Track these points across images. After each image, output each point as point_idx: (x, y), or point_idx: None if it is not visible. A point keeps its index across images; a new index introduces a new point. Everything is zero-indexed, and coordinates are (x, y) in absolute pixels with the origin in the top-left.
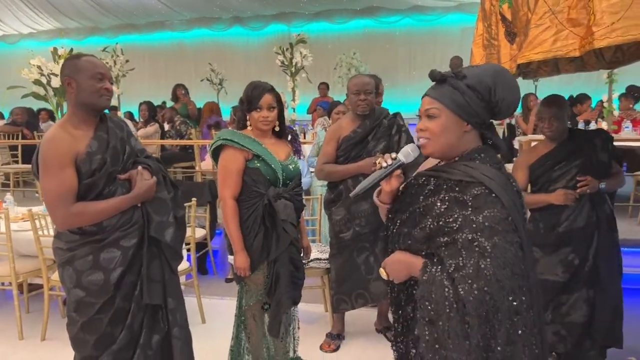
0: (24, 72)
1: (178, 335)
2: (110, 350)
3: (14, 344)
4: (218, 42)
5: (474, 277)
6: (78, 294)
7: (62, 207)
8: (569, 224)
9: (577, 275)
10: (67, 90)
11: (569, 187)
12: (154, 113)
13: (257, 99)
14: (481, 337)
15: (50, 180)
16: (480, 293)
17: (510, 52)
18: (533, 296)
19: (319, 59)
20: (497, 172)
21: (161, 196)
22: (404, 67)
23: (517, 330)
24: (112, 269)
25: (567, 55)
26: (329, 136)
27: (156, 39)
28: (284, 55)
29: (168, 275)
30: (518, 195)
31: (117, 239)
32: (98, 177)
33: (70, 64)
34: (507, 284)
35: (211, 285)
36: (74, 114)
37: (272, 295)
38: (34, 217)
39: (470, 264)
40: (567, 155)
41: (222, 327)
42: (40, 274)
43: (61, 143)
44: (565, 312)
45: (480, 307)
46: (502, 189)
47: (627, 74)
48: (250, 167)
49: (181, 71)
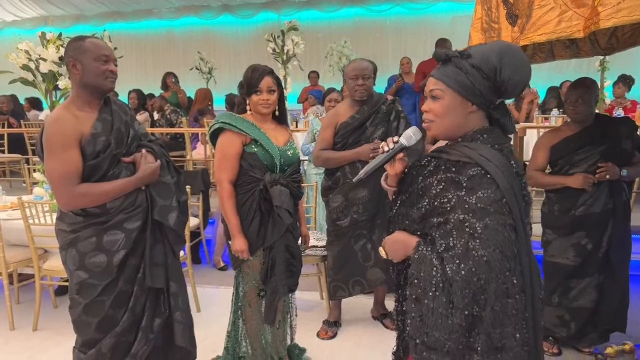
0: (12, 57)
1: (180, 319)
2: (113, 332)
3: (6, 335)
4: (207, 30)
5: (462, 258)
6: (81, 275)
7: (66, 188)
8: (586, 209)
9: (589, 261)
10: (71, 71)
11: (589, 172)
12: (143, 102)
13: (257, 82)
14: (465, 317)
15: (55, 161)
16: (468, 274)
17: (512, 34)
18: (526, 279)
19: (309, 47)
20: (496, 153)
21: (165, 180)
22: (395, 56)
23: (506, 312)
24: (115, 251)
25: (571, 37)
26: (326, 122)
27: (144, 27)
28: (276, 42)
29: (171, 259)
30: (517, 177)
31: (120, 221)
32: (102, 159)
33: (75, 45)
34: (497, 266)
35: (205, 274)
36: (77, 96)
37: (268, 283)
38: (24, 206)
39: (460, 245)
40: (592, 140)
41: (217, 315)
42: (30, 264)
43: (65, 124)
44: (574, 297)
45: (466, 287)
46: (499, 170)
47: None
48: (248, 152)
49: (170, 60)
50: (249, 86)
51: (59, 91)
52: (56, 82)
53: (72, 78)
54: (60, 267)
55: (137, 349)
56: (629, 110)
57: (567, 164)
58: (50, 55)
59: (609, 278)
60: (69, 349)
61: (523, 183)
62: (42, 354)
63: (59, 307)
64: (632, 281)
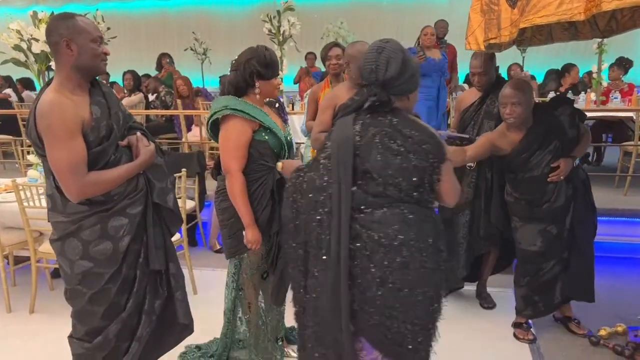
0: (3, 37)
1: (180, 298)
2: (119, 318)
3: (2, 317)
4: (202, 10)
5: None
6: (85, 265)
7: (76, 178)
8: (549, 206)
9: (555, 244)
10: (62, 52)
11: (545, 172)
12: (138, 83)
13: (278, 65)
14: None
15: (60, 151)
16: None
17: (512, 16)
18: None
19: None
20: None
21: (158, 162)
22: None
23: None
24: (120, 237)
25: (572, 19)
26: (324, 104)
27: (137, 6)
28: (272, 23)
29: (168, 241)
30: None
31: (124, 207)
32: (107, 145)
33: (68, 24)
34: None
35: (201, 257)
36: (68, 79)
37: (275, 267)
38: (18, 188)
39: None
40: (540, 144)
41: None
42: (26, 246)
43: (66, 109)
44: (541, 276)
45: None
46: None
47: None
48: (258, 140)
49: (164, 41)
50: (275, 69)
51: (52, 72)
52: (49, 63)
53: (63, 59)
54: None
55: (142, 331)
56: (626, 94)
57: (521, 170)
58: (42, 35)
59: (575, 252)
60: (66, 331)
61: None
62: (40, 336)
63: (56, 289)
64: (626, 263)
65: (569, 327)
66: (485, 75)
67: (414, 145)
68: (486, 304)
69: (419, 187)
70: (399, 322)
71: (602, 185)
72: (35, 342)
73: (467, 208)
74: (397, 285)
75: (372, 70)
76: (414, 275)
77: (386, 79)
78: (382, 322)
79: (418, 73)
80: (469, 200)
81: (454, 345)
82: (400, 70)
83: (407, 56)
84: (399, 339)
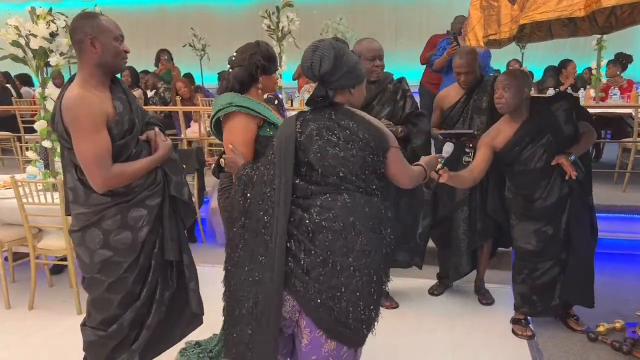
0: (1, 33)
1: (194, 288)
2: (134, 307)
3: (2, 313)
4: (200, 6)
5: None
6: (105, 254)
7: (102, 169)
8: (542, 203)
9: (551, 244)
10: (87, 50)
11: (538, 167)
12: (137, 79)
13: (277, 61)
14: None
15: (87, 143)
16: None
17: (511, 12)
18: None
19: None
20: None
21: (173, 157)
22: (391, 33)
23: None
24: (139, 227)
25: (572, 16)
26: None
27: (135, 2)
28: (270, 19)
29: (182, 233)
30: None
31: (143, 198)
32: (130, 139)
33: (92, 23)
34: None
35: (200, 253)
36: (91, 75)
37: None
38: (17, 185)
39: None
40: (532, 137)
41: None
42: (25, 243)
43: (92, 103)
44: (538, 276)
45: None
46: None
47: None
48: (263, 135)
49: (162, 37)
50: (275, 63)
51: (49, 68)
52: (47, 59)
53: (87, 57)
54: (54, 245)
55: (151, 321)
56: (625, 90)
57: (516, 165)
58: (40, 31)
59: (572, 254)
60: (65, 327)
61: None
62: (39, 332)
63: (55, 285)
64: (624, 260)
65: (567, 323)
66: (471, 74)
67: (351, 136)
68: (485, 300)
69: (360, 175)
70: (342, 303)
71: (601, 182)
72: (35, 338)
73: (465, 204)
74: (337, 267)
75: (308, 67)
76: (354, 257)
77: (321, 74)
78: (325, 303)
79: (357, 69)
80: (466, 196)
81: (452, 341)
82: (334, 66)
83: (340, 53)
84: (341, 319)
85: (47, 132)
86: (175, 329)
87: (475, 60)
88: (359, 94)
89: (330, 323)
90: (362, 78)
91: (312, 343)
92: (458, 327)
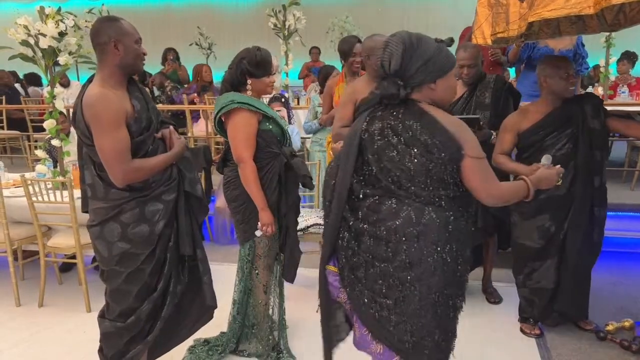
0: (10, 32)
1: (208, 281)
2: (151, 298)
3: (12, 311)
4: (206, 5)
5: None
6: (123, 246)
7: (121, 164)
8: (551, 191)
9: (551, 242)
10: (110, 51)
11: (557, 156)
12: (143, 78)
13: (270, 64)
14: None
15: (107, 139)
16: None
17: (520, 10)
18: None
19: (310, 22)
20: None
21: (186, 155)
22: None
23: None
24: (156, 221)
25: (581, 13)
26: (345, 99)
27: (142, 1)
28: (277, 17)
29: (195, 228)
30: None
31: (160, 193)
32: (147, 136)
33: (115, 25)
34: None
35: (209, 251)
36: (111, 76)
37: (285, 245)
38: (27, 183)
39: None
40: (558, 125)
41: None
42: (34, 241)
43: (113, 101)
44: (536, 278)
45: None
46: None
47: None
48: (263, 129)
49: (168, 35)
50: (266, 68)
51: (58, 67)
52: (56, 58)
53: (109, 58)
54: (64, 243)
55: (166, 312)
56: (634, 88)
57: (537, 150)
58: (49, 30)
59: (564, 262)
60: (74, 325)
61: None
62: (48, 330)
63: (64, 283)
64: (633, 258)
65: (576, 322)
66: (475, 68)
67: (412, 139)
68: (492, 299)
69: (418, 182)
70: (384, 312)
71: (609, 180)
72: (44, 335)
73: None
74: (378, 272)
75: (380, 67)
76: (395, 267)
77: (393, 72)
78: (369, 305)
79: (437, 60)
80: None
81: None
82: (404, 61)
83: (413, 46)
84: (386, 326)
85: (55, 131)
86: (184, 324)
87: (479, 54)
88: (444, 88)
89: (375, 325)
90: (446, 70)
91: (361, 338)
92: (466, 326)
